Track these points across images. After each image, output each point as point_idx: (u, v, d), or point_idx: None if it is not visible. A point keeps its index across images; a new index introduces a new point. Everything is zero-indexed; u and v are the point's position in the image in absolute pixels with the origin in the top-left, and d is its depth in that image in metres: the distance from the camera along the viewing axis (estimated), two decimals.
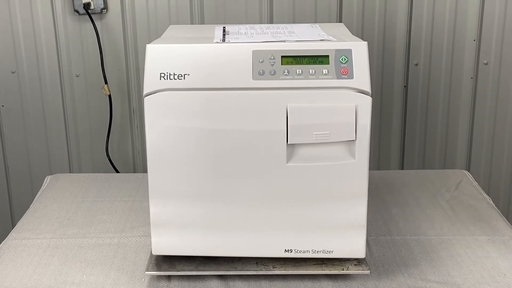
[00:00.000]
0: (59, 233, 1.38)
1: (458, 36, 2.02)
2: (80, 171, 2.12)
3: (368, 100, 1.10)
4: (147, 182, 1.14)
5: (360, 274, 1.19)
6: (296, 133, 1.10)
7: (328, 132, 1.10)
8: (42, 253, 1.29)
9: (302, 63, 1.10)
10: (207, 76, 1.10)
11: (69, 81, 2.04)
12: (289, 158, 1.12)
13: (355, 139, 1.11)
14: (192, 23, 1.99)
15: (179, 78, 1.09)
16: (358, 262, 1.19)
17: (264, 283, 1.18)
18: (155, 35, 1.94)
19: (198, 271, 1.18)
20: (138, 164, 2.13)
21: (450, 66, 2.05)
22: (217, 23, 1.95)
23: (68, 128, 2.08)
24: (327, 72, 1.09)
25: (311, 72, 1.09)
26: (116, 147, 2.10)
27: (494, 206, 1.49)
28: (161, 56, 1.10)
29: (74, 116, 2.07)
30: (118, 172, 2.06)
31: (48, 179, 1.67)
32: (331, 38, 1.15)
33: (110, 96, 2.02)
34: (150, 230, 1.17)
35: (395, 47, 2.03)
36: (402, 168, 2.15)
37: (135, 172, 2.12)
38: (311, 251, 1.17)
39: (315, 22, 1.98)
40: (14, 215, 2.15)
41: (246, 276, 1.20)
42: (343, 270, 1.18)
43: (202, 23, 1.99)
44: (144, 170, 2.09)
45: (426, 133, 2.12)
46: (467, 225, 1.39)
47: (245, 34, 1.22)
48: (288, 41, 1.13)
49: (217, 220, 1.15)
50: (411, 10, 2.00)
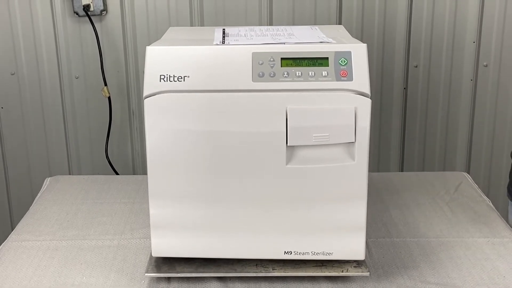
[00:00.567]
0: (59, 235, 1.38)
1: (458, 38, 2.02)
2: (79, 173, 2.12)
3: (367, 102, 1.10)
4: (147, 184, 1.14)
5: (359, 276, 1.19)
6: (296, 135, 1.10)
7: (327, 134, 1.10)
8: (42, 255, 1.29)
9: (302, 65, 1.10)
10: (207, 78, 1.10)
11: (68, 83, 2.04)
12: (288, 160, 1.12)
13: (354, 141, 1.11)
14: (191, 25, 1.99)
15: (179, 80, 1.10)
16: (358, 264, 1.19)
17: (263, 285, 1.18)
18: (154, 37, 1.94)
19: (197, 273, 1.18)
20: (137, 166, 2.13)
21: (449, 68, 2.05)
22: (216, 25, 1.95)
23: (67, 130, 2.09)
24: (326, 74, 1.09)
25: (310, 74, 1.09)
26: (115, 149, 2.10)
27: (494, 208, 1.49)
28: (161, 58, 1.10)
29: (74, 118, 2.07)
30: (117, 174, 2.06)
31: (47, 181, 1.67)
32: (330, 40, 1.15)
33: (109, 98, 2.02)
34: (150, 232, 1.17)
35: (394, 49, 2.03)
36: (402, 170, 2.15)
37: (135, 174, 2.12)
38: (310, 253, 1.17)
39: (315, 24, 1.98)
40: (13, 217, 2.15)
41: (246, 278, 1.20)
42: (342, 272, 1.18)
43: (202, 25, 1.99)
44: (144, 172, 2.09)
45: (426, 135, 2.12)
46: (466, 227, 1.39)
47: (244, 36, 1.22)
48: (288, 43, 1.13)
49: (217, 222, 1.15)
50: (410, 12, 2.00)
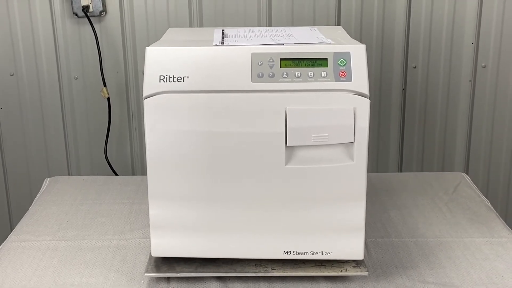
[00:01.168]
0: (58, 235, 1.38)
1: (456, 39, 2.02)
2: (79, 173, 2.12)
3: (366, 103, 1.10)
4: (146, 185, 1.15)
5: (358, 276, 1.20)
6: (295, 135, 1.10)
7: (326, 135, 1.10)
8: (41, 255, 1.30)
9: (301, 66, 1.10)
10: (206, 78, 1.10)
11: (67, 83, 2.04)
12: (287, 160, 1.12)
13: (353, 141, 1.11)
14: (191, 26, 1.99)
15: (179, 80, 1.10)
16: (357, 263, 1.19)
17: (263, 285, 1.18)
18: (154, 38, 1.95)
19: (197, 273, 1.19)
20: (136, 166, 2.13)
21: (448, 69, 2.05)
22: (216, 26, 1.95)
23: (66, 131, 2.09)
24: (325, 75, 1.10)
25: (309, 74, 1.10)
26: (114, 149, 2.10)
27: (492, 208, 1.50)
28: (160, 59, 1.10)
29: (73, 119, 2.07)
30: (116, 174, 2.06)
31: (47, 181, 1.67)
32: (329, 41, 1.16)
33: (108, 98, 2.02)
34: (149, 232, 1.17)
35: (393, 50, 2.04)
36: (401, 171, 2.15)
37: (134, 175, 2.12)
38: (309, 253, 1.17)
39: (314, 25, 1.98)
40: (13, 217, 2.15)
41: (245, 277, 1.20)
42: (341, 271, 1.18)
43: (201, 26, 1.99)
44: (143, 172, 2.09)
45: (425, 135, 2.12)
46: (465, 227, 1.40)
47: (244, 37, 1.22)
48: (287, 44, 1.13)
49: (216, 222, 1.16)
50: (409, 13, 2.01)
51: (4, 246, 1.33)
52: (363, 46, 1.11)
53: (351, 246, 1.17)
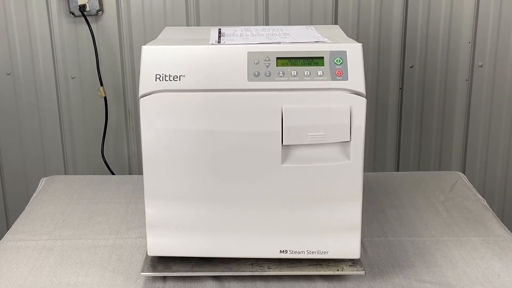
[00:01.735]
0: (55, 234, 1.38)
1: (453, 39, 2.03)
2: (75, 173, 2.12)
3: (362, 102, 1.10)
4: (143, 184, 1.14)
5: (355, 275, 1.20)
6: (291, 134, 1.10)
7: (323, 133, 1.10)
8: (37, 254, 1.29)
9: (297, 65, 1.10)
10: (203, 77, 1.10)
11: (64, 83, 2.04)
12: (284, 159, 1.12)
13: (350, 140, 1.11)
14: (187, 25, 1.99)
15: (175, 79, 1.10)
16: (353, 263, 1.19)
17: (259, 284, 1.18)
18: (150, 37, 1.94)
19: (193, 272, 1.18)
20: (133, 165, 2.13)
21: (445, 68, 2.06)
22: (212, 25, 1.95)
23: (63, 130, 2.08)
24: (322, 74, 1.10)
25: (306, 73, 1.10)
26: (111, 149, 2.10)
27: (489, 207, 1.50)
28: (156, 58, 1.10)
29: (70, 118, 2.07)
30: (113, 174, 2.06)
31: (43, 181, 1.66)
32: (326, 40, 1.16)
33: (105, 98, 2.02)
34: (146, 231, 1.17)
35: (390, 49, 2.04)
36: (398, 170, 2.15)
37: (131, 174, 2.12)
38: (306, 252, 1.17)
39: (311, 24, 1.98)
40: (9, 216, 2.15)
41: (242, 277, 1.20)
42: (338, 270, 1.18)
43: (198, 25, 1.99)
44: (140, 172, 2.08)
45: (421, 134, 2.13)
46: (461, 226, 1.40)
47: (240, 35, 1.22)
48: (283, 42, 1.13)
49: (212, 221, 1.16)
50: (406, 12, 2.01)
51: (0, 246, 1.33)
52: (360, 45, 1.11)
53: (348, 245, 1.17)
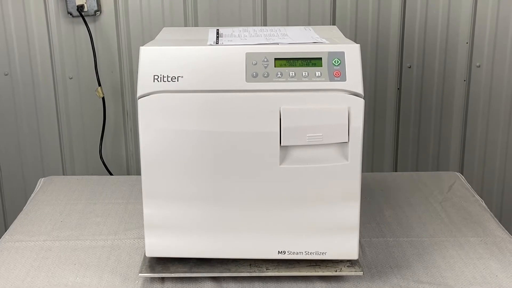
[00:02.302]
0: (53, 235, 1.37)
1: (451, 39, 2.03)
2: (73, 173, 2.11)
3: (360, 102, 1.10)
4: (141, 185, 1.14)
5: (353, 276, 1.20)
6: (289, 135, 1.10)
7: (321, 134, 1.10)
8: (35, 255, 1.29)
9: (295, 66, 1.10)
10: (201, 78, 1.10)
11: (62, 83, 2.03)
12: (282, 160, 1.12)
13: (348, 141, 1.11)
14: (185, 25, 1.99)
15: (173, 80, 1.10)
16: (351, 263, 1.19)
17: (257, 285, 1.18)
18: (148, 37, 1.94)
19: (191, 273, 1.18)
20: (131, 166, 2.13)
21: (443, 69, 2.06)
22: (210, 25, 1.95)
23: (61, 131, 2.08)
24: (320, 75, 1.10)
25: (304, 74, 1.10)
26: (109, 149, 2.10)
27: (487, 208, 1.50)
28: (154, 58, 1.10)
29: (68, 119, 2.07)
30: (111, 174, 2.06)
31: (41, 181, 1.66)
32: (324, 40, 1.16)
33: (103, 98, 2.02)
34: (144, 232, 1.17)
35: (388, 50, 2.04)
36: (396, 170, 2.15)
37: (129, 175, 2.12)
38: (304, 253, 1.17)
39: (309, 24, 1.98)
40: (7, 217, 2.15)
41: (240, 277, 1.20)
42: (336, 271, 1.18)
43: (196, 25, 1.99)
44: (138, 172, 2.09)
45: (419, 135, 2.13)
46: (459, 226, 1.40)
47: (238, 36, 1.22)
48: (281, 43, 1.13)
49: (210, 222, 1.16)
50: (404, 13, 2.01)
51: None
52: (358, 45, 1.11)
53: (346, 246, 1.17)
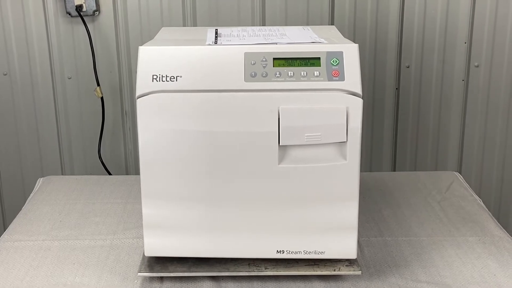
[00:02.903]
0: (52, 235, 1.38)
1: (449, 39, 2.03)
2: (72, 173, 2.11)
3: (359, 102, 1.10)
4: (140, 184, 1.15)
5: (351, 275, 1.20)
6: (288, 134, 1.11)
7: (319, 134, 1.11)
8: (34, 255, 1.29)
9: (294, 65, 1.11)
10: (200, 78, 1.10)
11: (61, 83, 2.04)
12: (281, 159, 1.12)
13: (346, 140, 1.11)
14: (184, 25, 1.99)
15: (172, 80, 1.10)
16: (350, 263, 1.20)
17: (256, 284, 1.19)
18: (147, 37, 1.94)
19: (190, 272, 1.19)
20: (130, 166, 2.13)
21: (441, 69, 2.06)
22: (209, 25, 1.96)
23: (60, 130, 2.08)
24: (318, 74, 1.10)
25: (302, 74, 1.10)
26: (108, 149, 2.10)
27: (485, 207, 1.50)
28: (153, 58, 1.10)
29: (66, 118, 2.07)
30: (110, 174, 2.06)
31: (40, 181, 1.66)
32: (322, 40, 1.16)
33: (102, 98, 2.02)
34: (143, 231, 1.17)
35: (386, 50, 2.04)
36: (394, 170, 2.16)
37: (128, 174, 2.12)
38: (303, 252, 1.17)
39: (307, 24, 1.99)
40: (5, 217, 2.15)
41: (238, 277, 1.20)
42: (334, 270, 1.18)
43: (195, 25, 1.99)
44: (137, 172, 2.09)
45: (418, 135, 2.13)
46: (457, 226, 1.40)
47: (237, 36, 1.22)
48: (280, 43, 1.14)
49: (209, 222, 1.16)
50: (402, 13, 2.01)
51: None
52: (356, 45, 1.11)
53: (344, 245, 1.17)
